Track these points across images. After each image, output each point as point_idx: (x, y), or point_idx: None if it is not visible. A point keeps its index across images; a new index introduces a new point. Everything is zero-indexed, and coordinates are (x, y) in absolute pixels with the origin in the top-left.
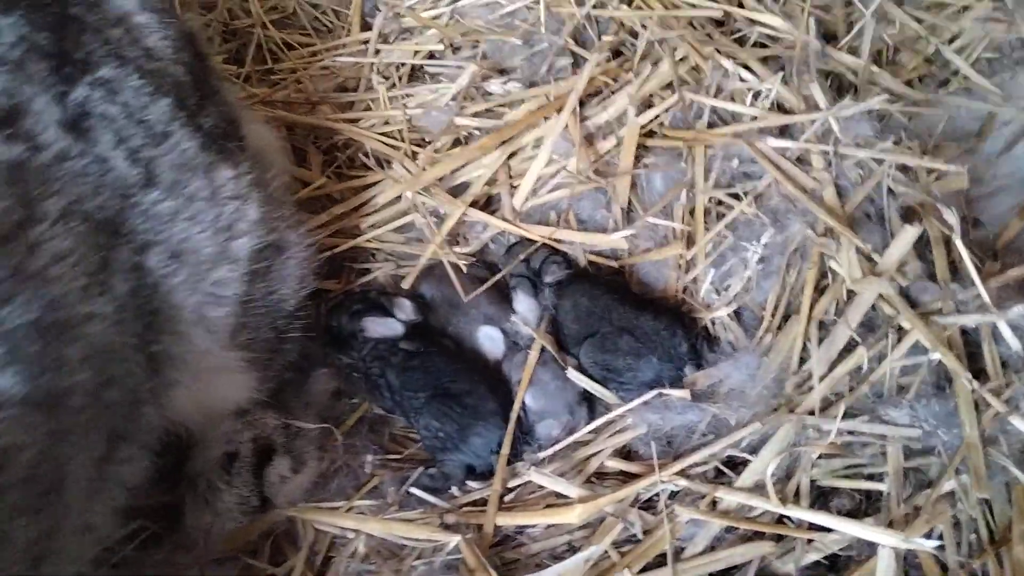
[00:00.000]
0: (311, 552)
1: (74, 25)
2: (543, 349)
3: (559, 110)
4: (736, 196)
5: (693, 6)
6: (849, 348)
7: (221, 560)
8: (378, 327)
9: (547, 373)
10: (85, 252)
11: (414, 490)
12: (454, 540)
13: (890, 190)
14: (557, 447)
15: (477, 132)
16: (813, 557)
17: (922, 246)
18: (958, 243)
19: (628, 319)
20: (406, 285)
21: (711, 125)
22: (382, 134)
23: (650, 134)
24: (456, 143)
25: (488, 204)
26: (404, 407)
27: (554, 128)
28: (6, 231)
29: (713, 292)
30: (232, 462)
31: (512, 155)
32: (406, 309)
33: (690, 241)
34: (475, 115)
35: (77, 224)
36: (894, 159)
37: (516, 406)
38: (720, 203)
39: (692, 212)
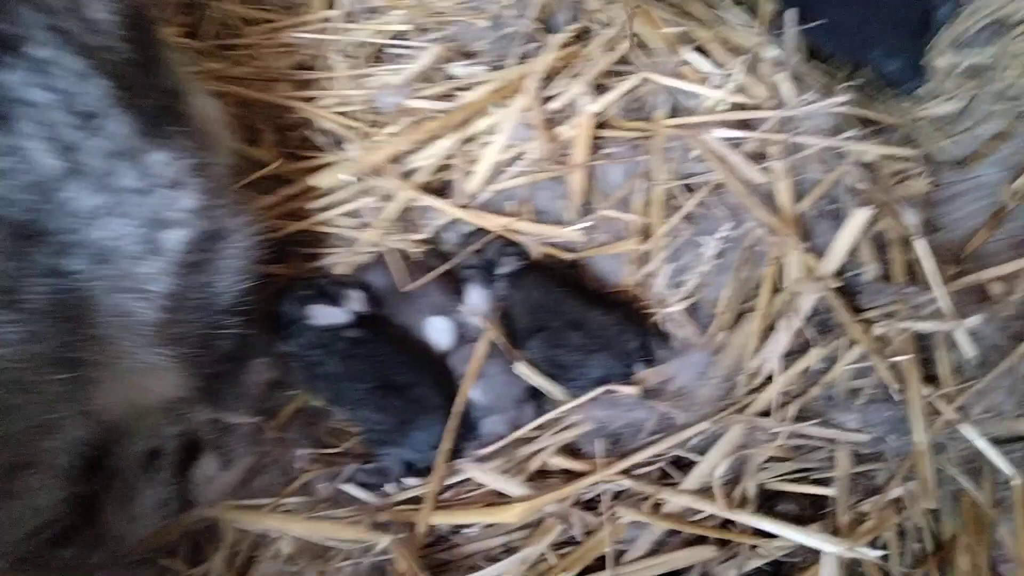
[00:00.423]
0: (232, 552)
1: None
2: (492, 343)
3: (517, 93)
4: (691, 189)
5: None
6: (803, 350)
7: (136, 562)
8: (325, 315)
9: (495, 367)
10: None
11: (345, 487)
12: (384, 541)
13: (850, 188)
14: (500, 444)
15: (436, 115)
16: (756, 563)
17: (878, 248)
18: (919, 244)
19: (579, 314)
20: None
21: (676, 114)
22: (339, 114)
23: (603, 125)
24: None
25: (444, 191)
26: (343, 398)
27: (511, 112)
28: None
29: (667, 287)
30: (154, 459)
31: (469, 140)
32: (356, 299)
33: (648, 235)
34: (432, 97)
35: None
36: (857, 149)
37: (460, 400)
38: (677, 196)
39: (648, 205)
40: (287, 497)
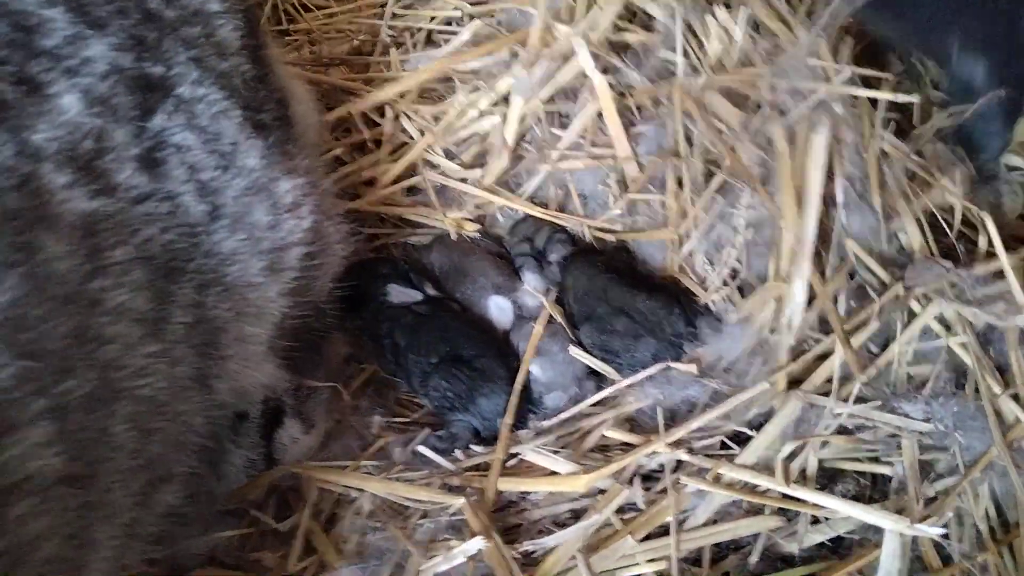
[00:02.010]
0: (316, 509)
1: (153, 27)
2: (551, 321)
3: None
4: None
5: None
6: (857, 328)
7: (226, 512)
8: (401, 295)
9: (555, 344)
10: (145, 301)
11: (421, 448)
12: (458, 502)
13: (883, 152)
14: (560, 418)
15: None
16: (818, 538)
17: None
18: (988, 224)
19: (624, 299)
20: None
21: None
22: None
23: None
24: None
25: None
26: (408, 370)
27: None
28: (71, 290)
29: (708, 265)
30: (241, 423)
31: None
32: (429, 285)
33: (684, 213)
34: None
35: (140, 272)
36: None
37: (521, 375)
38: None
39: (680, 182)
40: (364, 460)
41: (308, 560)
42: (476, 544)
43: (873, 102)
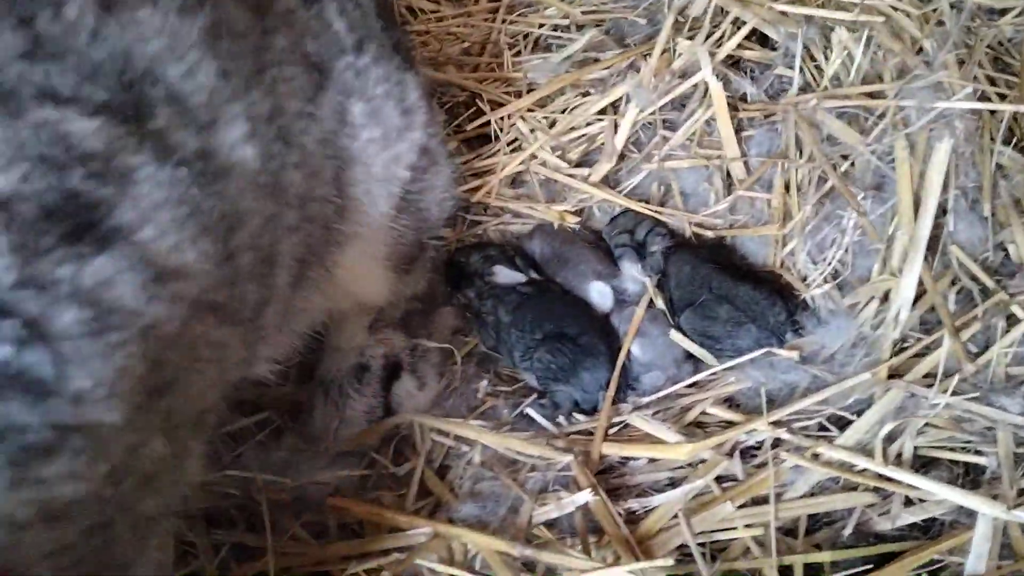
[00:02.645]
0: (429, 457)
1: None
2: (652, 306)
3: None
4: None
5: None
6: (962, 328)
7: (346, 453)
8: (506, 276)
9: (655, 327)
10: (302, 80)
11: (528, 410)
12: (566, 459)
13: (999, 165)
14: (660, 394)
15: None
16: (911, 518)
17: None
18: None
19: (728, 288)
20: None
21: (804, 90)
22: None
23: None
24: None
25: (588, 163)
26: (510, 345)
27: (642, 76)
28: (248, 44)
29: (810, 263)
30: (363, 373)
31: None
32: (531, 269)
33: (788, 214)
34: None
35: (296, 58)
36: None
37: (623, 353)
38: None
39: (787, 185)
40: (473, 420)
41: (424, 501)
42: (585, 496)
43: (994, 111)
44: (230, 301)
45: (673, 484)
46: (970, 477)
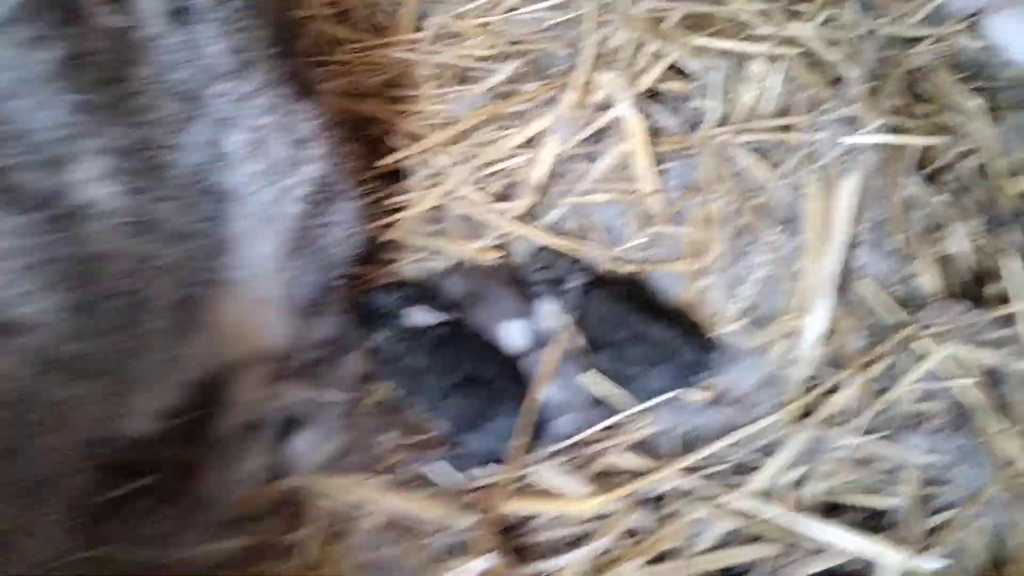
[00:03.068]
0: (324, 523)
1: None
2: (567, 346)
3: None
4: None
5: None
6: (870, 363)
7: (235, 520)
8: (419, 316)
9: (570, 370)
10: (171, 109)
11: (432, 466)
12: (468, 520)
13: (909, 198)
14: (570, 441)
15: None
16: (819, 566)
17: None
18: (1004, 268)
19: (641, 327)
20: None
21: (723, 123)
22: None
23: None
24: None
25: (508, 196)
26: (424, 390)
27: (561, 108)
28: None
29: (725, 299)
30: (257, 429)
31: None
32: (445, 310)
33: (705, 248)
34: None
35: (163, 87)
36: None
37: (536, 396)
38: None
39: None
40: (375, 476)
41: (313, 574)
42: (485, 562)
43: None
44: (90, 353)
45: (582, 539)
46: (875, 521)
